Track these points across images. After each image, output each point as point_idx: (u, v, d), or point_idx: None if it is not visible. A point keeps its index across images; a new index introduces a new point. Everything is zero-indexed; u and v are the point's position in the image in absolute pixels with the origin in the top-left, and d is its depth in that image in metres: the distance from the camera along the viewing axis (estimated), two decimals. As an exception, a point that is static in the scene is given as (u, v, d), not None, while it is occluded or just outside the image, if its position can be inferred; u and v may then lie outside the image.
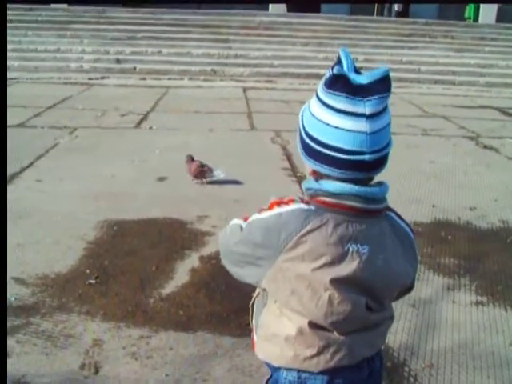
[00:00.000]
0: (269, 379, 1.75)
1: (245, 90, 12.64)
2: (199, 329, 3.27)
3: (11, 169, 6.09)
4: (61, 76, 13.54)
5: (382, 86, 1.52)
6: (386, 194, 1.66)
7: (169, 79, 13.36)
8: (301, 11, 19.54)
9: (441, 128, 9.29)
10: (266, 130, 8.50)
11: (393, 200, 5.28)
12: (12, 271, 3.87)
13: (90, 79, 13.30)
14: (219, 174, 5.88)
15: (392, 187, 5.31)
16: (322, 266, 1.54)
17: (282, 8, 20.16)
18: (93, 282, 3.77)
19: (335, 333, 1.61)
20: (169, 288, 3.70)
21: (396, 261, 1.63)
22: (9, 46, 15.53)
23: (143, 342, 3.14)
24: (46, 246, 4.31)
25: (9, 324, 3.26)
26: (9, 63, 14.43)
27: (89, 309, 3.45)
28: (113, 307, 3.47)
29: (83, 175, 5.98)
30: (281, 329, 1.65)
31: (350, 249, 1.55)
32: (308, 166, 1.66)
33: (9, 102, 10.09)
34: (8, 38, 16.06)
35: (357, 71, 1.55)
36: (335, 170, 1.54)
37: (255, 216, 1.66)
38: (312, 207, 1.57)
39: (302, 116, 1.67)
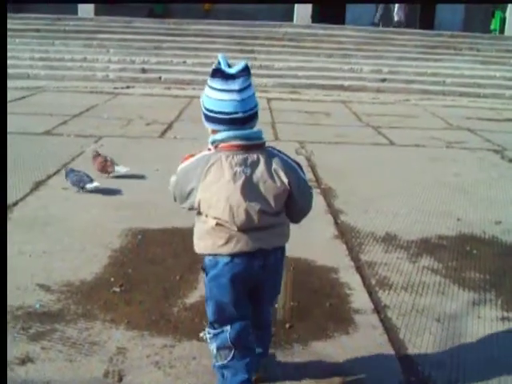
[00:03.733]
0: (202, 265, 2.63)
1: (269, 100, 12.67)
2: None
3: (37, 176, 6.17)
4: (87, 85, 13.69)
5: (244, 72, 2.46)
6: (262, 134, 2.54)
7: (193, 89, 13.44)
8: (326, 23, 19.56)
9: (466, 141, 9.23)
10: (290, 140, 8.51)
11: (417, 212, 5.29)
12: (37, 278, 3.92)
13: (115, 88, 13.44)
14: (121, 168, 6.23)
15: (416, 200, 5.31)
16: (222, 185, 2.43)
17: (306, 19, 20.18)
18: (117, 290, 3.79)
19: (236, 230, 2.47)
20: (192, 298, 3.70)
21: (267, 177, 2.46)
22: (36, 55, 15.78)
23: (166, 351, 3.15)
24: (71, 254, 4.34)
25: (34, 330, 3.29)
26: (36, 72, 14.66)
27: (113, 317, 3.47)
28: (137, 316, 3.49)
29: (107, 183, 6.02)
30: (204, 228, 2.55)
31: (238, 170, 2.44)
32: (209, 127, 2.54)
33: (35, 110, 10.28)
34: (35, 47, 16.34)
35: (229, 66, 2.48)
36: (222, 125, 2.47)
37: (179, 167, 2.58)
38: (212, 152, 2.50)
39: (202, 99, 2.55)
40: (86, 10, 19.75)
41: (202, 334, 3.00)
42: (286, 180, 2.48)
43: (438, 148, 8.66)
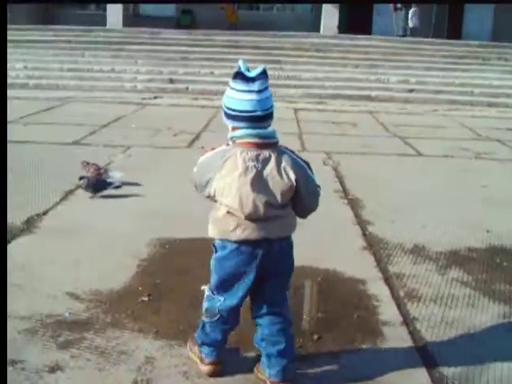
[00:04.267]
0: (213, 243, 2.88)
1: (296, 110, 12.68)
2: (250, 349, 3.25)
3: (66, 186, 6.24)
4: (115, 95, 13.84)
5: (262, 75, 2.71)
6: (275, 134, 2.77)
7: (220, 99, 13.48)
8: (352, 33, 19.56)
9: (495, 152, 9.14)
10: (316, 151, 8.51)
11: (445, 224, 5.22)
12: (67, 286, 3.95)
13: (143, 99, 13.56)
14: (116, 173, 6.36)
15: (444, 211, 5.24)
16: (235, 177, 2.68)
17: (333, 30, 20.21)
18: (145, 299, 3.81)
19: (244, 218, 2.71)
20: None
21: (276, 174, 2.69)
22: (66, 66, 16.01)
23: (194, 361, 3.15)
24: (100, 263, 4.38)
25: (63, 338, 3.32)
26: (65, 82, 14.86)
27: (141, 326, 3.48)
28: (165, 325, 3.50)
29: (136, 193, 6.07)
30: (217, 215, 2.79)
31: (250, 165, 2.68)
32: (229, 125, 2.77)
33: (64, 120, 10.41)
34: (65, 58, 16.58)
35: (249, 70, 2.72)
36: (242, 123, 2.70)
37: (201, 158, 2.86)
38: (230, 147, 2.75)
39: (223, 100, 2.78)
40: (115, 21, 20.03)
41: (203, 287, 3.12)
42: (293, 177, 2.71)
43: (467, 159, 8.58)
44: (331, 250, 4.82)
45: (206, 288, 3.03)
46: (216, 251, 2.86)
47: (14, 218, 5.24)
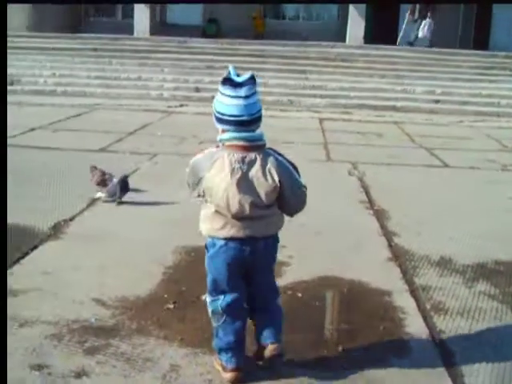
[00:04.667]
0: (205, 244, 3.05)
1: (321, 120, 12.67)
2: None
3: (92, 193, 6.28)
4: (141, 103, 13.92)
5: (250, 81, 2.84)
6: (263, 137, 2.92)
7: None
8: (378, 43, 19.50)
9: (522, 164, 9.04)
10: (342, 161, 8.48)
11: (472, 236, 5.16)
12: (93, 292, 3.98)
13: (169, 107, 13.62)
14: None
15: (471, 223, 5.19)
16: (222, 178, 2.83)
17: (359, 40, 20.16)
18: (171, 306, 3.82)
19: (231, 217, 2.87)
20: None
21: (262, 175, 2.84)
22: (93, 74, 16.16)
23: (219, 369, 3.15)
24: (126, 269, 4.40)
25: (89, 344, 3.34)
26: (92, 90, 14.99)
27: (167, 333, 3.49)
28: (190, 333, 3.50)
29: (162, 201, 6.10)
30: (206, 213, 2.97)
31: (236, 166, 2.83)
32: (219, 127, 2.93)
33: (91, 128, 10.51)
34: (92, 66, 16.74)
35: (238, 76, 2.86)
36: (230, 126, 2.86)
37: (192, 159, 3.00)
38: (218, 149, 2.91)
39: (214, 103, 2.93)
40: (142, 29, 20.18)
41: (203, 297, 3.26)
42: (277, 179, 2.86)
43: (493, 171, 8.50)
44: (356, 261, 4.79)
45: (206, 295, 3.18)
46: (208, 250, 3.03)
47: (41, 223, 5.31)
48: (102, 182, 6.17)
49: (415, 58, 18.19)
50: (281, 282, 4.26)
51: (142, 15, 20.43)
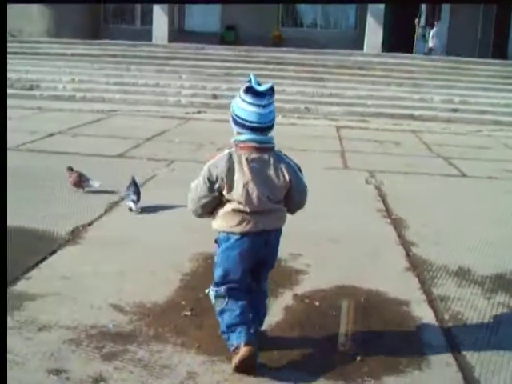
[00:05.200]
0: (216, 239, 3.33)
1: (338, 128, 12.66)
2: (292, 369, 3.24)
3: (111, 198, 6.32)
4: (159, 109, 14.01)
5: (270, 91, 3.11)
6: (273, 140, 3.22)
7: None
8: (396, 51, 19.48)
9: (541, 174, 8.96)
10: (359, 169, 8.47)
11: (491, 246, 5.12)
12: (111, 298, 3.99)
13: (186, 113, 13.69)
14: (94, 183, 6.51)
15: (489, 233, 5.14)
16: (240, 176, 3.11)
17: (377, 48, 20.14)
18: (188, 313, 3.82)
19: (248, 211, 3.13)
20: (263, 325, 3.69)
21: (273, 173, 3.16)
22: (111, 80, 16.28)
23: (236, 377, 3.14)
24: (143, 276, 4.41)
25: (107, 350, 3.35)
26: (111, 96, 15.10)
27: (184, 340, 3.49)
28: (207, 340, 3.49)
29: (180, 207, 6.10)
30: (223, 211, 3.21)
31: (253, 165, 3.11)
32: (235, 130, 3.22)
33: (110, 133, 10.57)
34: (111, 72, 16.86)
35: (259, 84, 3.12)
36: (246, 130, 3.15)
37: (207, 164, 3.25)
38: (234, 150, 3.18)
39: (232, 106, 3.21)
40: (160, 36, 20.31)
41: (207, 291, 3.39)
42: (287, 177, 3.17)
43: (511, 180, 8.43)
44: (374, 270, 4.77)
45: (209, 289, 3.39)
46: (219, 245, 3.29)
47: (59, 228, 5.34)
48: (79, 183, 6.47)
49: (433, 66, 18.15)
50: (298, 290, 4.27)
51: (160, 22, 20.57)
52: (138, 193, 6.01)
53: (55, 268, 4.49)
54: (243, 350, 3.09)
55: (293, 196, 3.28)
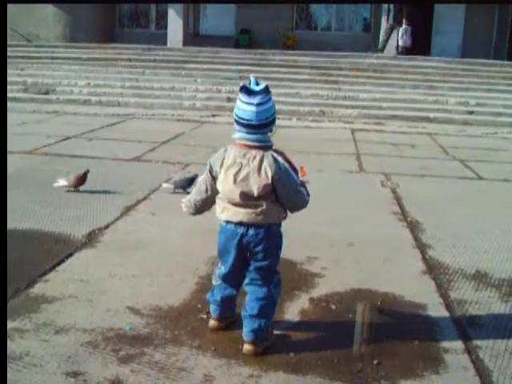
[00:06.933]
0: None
1: (353, 131, 12.64)
2: (309, 372, 3.23)
3: (127, 201, 6.35)
4: (174, 113, 14.05)
5: (263, 91, 3.25)
6: (266, 139, 3.32)
7: (277, 119, 13.48)
8: (411, 54, 19.43)
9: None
10: (375, 172, 8.44)
11: (508, 250, 5.12)
12: (127, 301, 4.01)
13: (201, 117, 13.72)
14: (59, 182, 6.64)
15: (507, 237, 5.15)
16: (226, 170, 3.31)
17: (391, 50, 20.11)
18: (204, 316, 3.82)
19: (229, 203, 3.35)
20: (279, 329, 3.69)
21: (256, 171, 3.25)
22: (126, 84, 16.35)
23: (253, 380, 3.15)
24: (159, 279, 4.43)
25: (124, 353, 3.36)
26: (126, 99, 15.17)
27: (200, 343, 3.50)
28: (223, 343, 3.50)
29: (195, 210, 6.12)
30: (217, 198, 3.46)
31: (237, 161, 3.28)
32: (235, 128, 3.34)
33: (125, 137, 10.62)
34: (126, 76, 16.94)
35: (258, 84, 3.29)
36: (241, 127, 3.29)
37: (211, 157, 3.45)
38: (230, 146, 3.36)
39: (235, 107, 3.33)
40: (175, 40, 20.40)
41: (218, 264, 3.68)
42: (270, 176, 3.23)
43: (527, 183, 8.38)
44: (390, 273, 4.75)
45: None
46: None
47: (76, 231, 5.37)
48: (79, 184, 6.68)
49: (448, 68, 18.08)
50: (314, 293, 4.26)
51: (175, 26, 20.67)
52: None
53: (72, 271, 4.52)
54: (211, 323, 3.70)
55: (281, 194, 3.33)
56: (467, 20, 20.98)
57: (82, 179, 6.63)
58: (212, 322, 3.69)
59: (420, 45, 20.83)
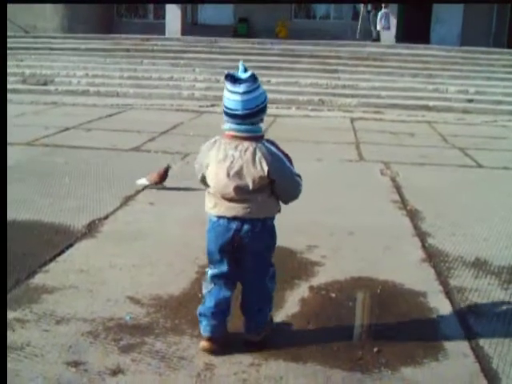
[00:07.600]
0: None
1: (352, 120, 12.62)
2: (309, 360, 3.24)
3: (127, 192, 6.35)
4: (173, 103, 14.03)
5: (249, 79, 3.04)
6: (257, 129, 3.14)
7: (276, 108, 13.53)
8: (410, 42, 19.37)
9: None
10: (374, 161, 8.43)
11: (508, 238, 5.21)
12: (127, 290, 4.02)
13: (200, 106, 13.71)
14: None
15: (506, 224, 5.29)
16: (216, 162, 3.14)
17: (391, 39, 20.05)
18: (204, 305, 3.83)
19: (221, 198, 3.17)
20: (278, 317, 3.70)
21: (251, 163, 3.07)
22: (125, 74, 16.32)
23: (253, 369, 3.15)
24: (159, 268, 4.43)
25: (125, 342, 3.37)
26: (125, 90, 15.14)
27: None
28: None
29: (194, 200, 6.11)
30: (206, 193, 3.28)
31: (229, 153, 3.10)
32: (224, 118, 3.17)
33: (125, 127, 10.60)
34: (124, 66, 16.90)
35: (246, 71, 3.08)
36: (228, 118, 3.11)
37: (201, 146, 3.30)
38: (218, 138, 3.19)
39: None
40: (174, 30, 20.33)
41: (206, 270, 3.44)
42: (266, 168, 3.07)
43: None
44: (390, 261, 4.76)
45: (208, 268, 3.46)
46: (207, 225, 3.35)
47: (76, 221, 5.37)
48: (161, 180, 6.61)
49: (447, 56, 18.05)
50: (314, 281, 4.27)
51: (173, 15, 20.62)
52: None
53: (72, 261, 4.52)
54: (202, 345, 3.31)
55: (278, 187, 3.17)
56: (466, 8, 20.92)
57: (163, 175, 6.59)
58: (203, 344, 3.31)
59: (419, 33, 20.77)
